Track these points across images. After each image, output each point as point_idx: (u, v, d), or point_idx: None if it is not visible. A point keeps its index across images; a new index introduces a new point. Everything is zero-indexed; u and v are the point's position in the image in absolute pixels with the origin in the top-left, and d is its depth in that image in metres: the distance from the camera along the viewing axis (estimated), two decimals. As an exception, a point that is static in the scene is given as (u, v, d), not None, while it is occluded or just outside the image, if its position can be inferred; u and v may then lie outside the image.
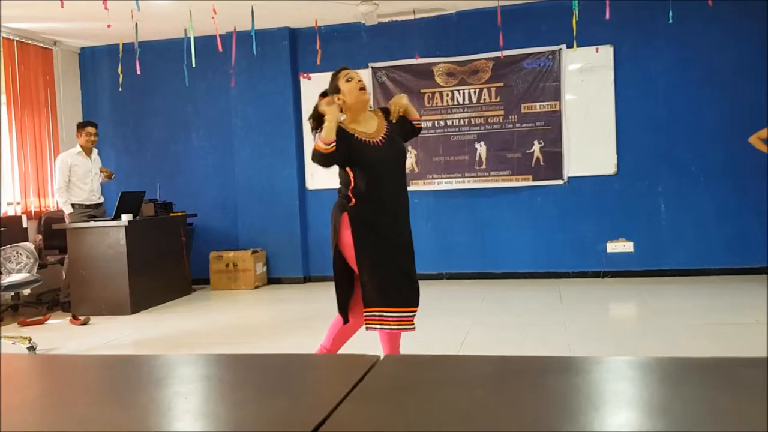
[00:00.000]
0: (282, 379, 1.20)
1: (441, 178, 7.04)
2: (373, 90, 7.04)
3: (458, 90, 6.96)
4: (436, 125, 7.00)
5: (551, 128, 6.76)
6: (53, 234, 6.41)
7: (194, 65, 6.48)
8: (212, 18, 6.11)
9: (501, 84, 6.86)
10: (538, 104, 6.78)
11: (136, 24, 6.19)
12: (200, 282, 7.29)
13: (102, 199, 6.51)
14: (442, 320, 5.06)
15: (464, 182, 7.00)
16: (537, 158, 6.81)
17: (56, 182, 6.25)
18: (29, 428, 1.00)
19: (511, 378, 1.16)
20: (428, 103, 6.99)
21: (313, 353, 3.38)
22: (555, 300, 5.80)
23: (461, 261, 7.05)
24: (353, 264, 3.21)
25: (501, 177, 6.90)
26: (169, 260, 6.67)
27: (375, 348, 3.35)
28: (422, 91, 7.00)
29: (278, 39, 7.25)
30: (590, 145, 6.71)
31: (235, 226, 7.48)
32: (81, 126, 6.37)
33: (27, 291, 5.13)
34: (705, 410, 0.98)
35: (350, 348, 3.46)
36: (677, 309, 5.28)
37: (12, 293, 5.03)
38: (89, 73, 7.82)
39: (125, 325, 5.58)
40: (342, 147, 3.08)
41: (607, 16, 5.80)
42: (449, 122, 6.98)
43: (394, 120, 3.29)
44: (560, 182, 6.78)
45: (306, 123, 7.21)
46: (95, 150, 6.45)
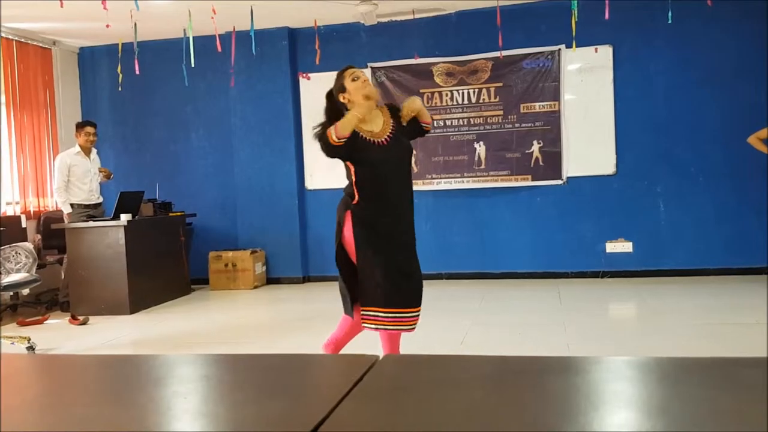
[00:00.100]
0: (281, 379, 1.20)
1: (440, 178, 7.04)
2: (373, 90, 7.03)
3: (457, 90, 6.96)
4: (436, 125, 6.99)
5: (550, 128, 6.76)
6: (52, 234, 6.41)
7: (193, 65, 6.47)
8: (211, 18, 6.11)
9: (500, 84, 6.86)
10: (538, 104, 6.79)
11: (135, 24, 6.19)
12: (199, 282, 7.28)
13: (101, 199, 6.51)
14: (442, 320, 5.06)
15: (463, 182, 7.00)
16: (536, 158, 6.81)
17: (55, 182, 6.24)
18: (29, 428, 1.00)
19: (511, 378, 1.16)
20: (427, 103, 6.99)
21: (315, 353, 3.37)
22: (554, 300, 5.80)
23: (460, 261, 7.05)
24: (356, 261, 3.22)
25: (500, 177, 6.90)
26: (168, 260, 6.67)
27: (375, 348, 3.36)
28: (421, 91, 7.00)
29: (277, 39, 7.25)
30: (589, 145, 6.71)
31: (235, 226, 7.48)
32: (80, 126, 6.37)
33: (26, 291, 5.12)
34: (704, 410, 0.98)
35: (350, 348, 3.46)
36: (677, 309, 5.28)
37: (11, 293, 5.03)
38: (88, 73, 7.82)
39: (124, 325, 5.58)
40: (347, 144, 3.09)
41: (607, 16, 5.80)
42: (448, 122, 6.98)
43: (405, 123, 3.28)
44: (559, 182, 6.78)
45: (306, 123, 7.30)
46: (94, 150, 6.44)
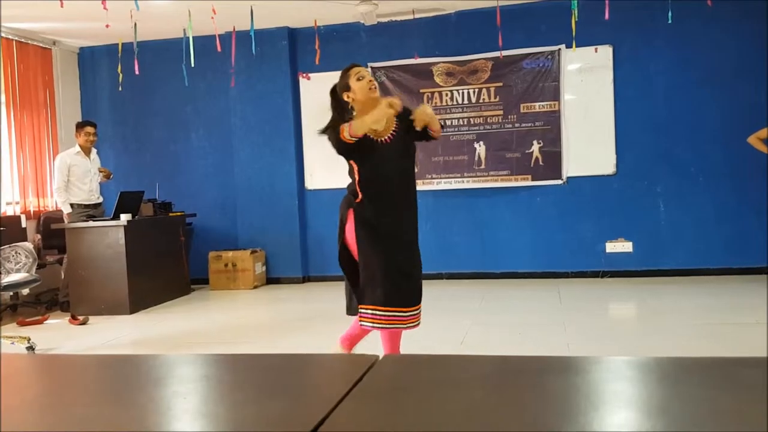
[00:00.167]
0: (281, 379, 1.20)
1: (440, 178, 7.03)
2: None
3: (457, 90, 6.96)
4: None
5: (550, 128, 6.76)
6: (52, 234, 6.40)
7: (193, 65, 6.47)
8: (211, 18, 6.11)
9: (500, 84, 6.86)
10: (537, 104, 6.78)
11: (135, 24, 6.19)
12: (199, 282, 7.28)
13: (101, 199, 6.51)
14: (442, 320, 5.05)
15: (463, 182, 7.00)
16: (536, 158, 6.81)
17: (55, 182, 6.24)
18: (29, 428, 1.00)
19: (511, 378, 1.16)
20: (427, 103, 6.98)
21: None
22: (554, 300, 5.80)
23: (460, 261, 7.05)
24: (357, 259, 3.23)
25: (500, 177, 6.90)
26: (168, 260, 6.67)
27: (375, 348, 3.36)
28: (421, 91, 7.00)
29: (277, 39, 7.24)
30: (589, 145, 6.71)
31: (234, 226, 7.48)
32: (80, 126, 6.37)
33: (26, 291, 5.12)
34: (704, 410, 0.98)
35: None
36: (677, 309, 5.28)
37: (11, 293, 5.02)
38: (88, 73, 7.81)
39: (124, 325, 5.57)
40: (356, 142, 3.09)
41: (606, 16, 5.80)
42: (448, 122, 6.98)
43: (419, 128, 3.23)
44: (559, 182, 6.78)
45: (306, 123, 7.30)
46: (94, 150, 6.44)
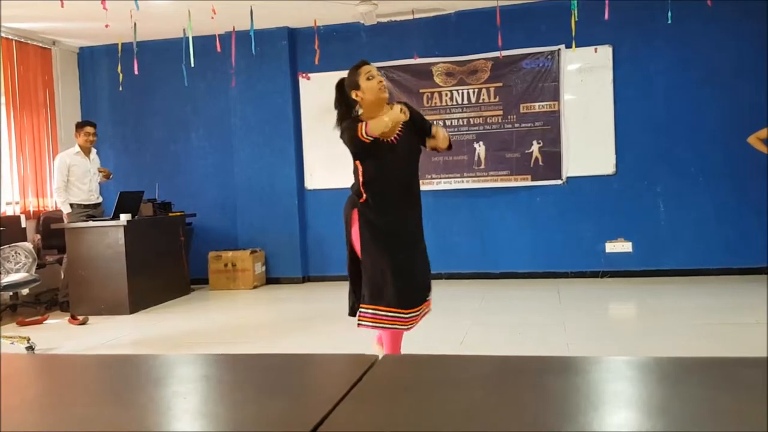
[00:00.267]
0: (281, 379, 1.20)
1: (440, 178, 7.03)
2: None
3: (457, 90, 6.96)
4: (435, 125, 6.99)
5: (550, 128, 6.76)
6: (52, 234, 6.40)
7: (193, 65, 6.47)
8: (211, 18, 6.11)
9: (500, 84, 6.86)
10: (537, 104, 6.78)
11: (135, 24, 6.19)
12: (199, 282, 7.28)
13: (101, 199, 6.51)
14: (442, 320, 5.04)
15: (463, 182, 7.00)
16: (536, 158, 6.80)
17: (55, 182, 6.24)
18: (29, 428, 1.00)
19: (511, 378, 1.16)
20: (427, 103, 6.99)
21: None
22: (554, 300, 5.80)
23: (460, 261, 7.04)
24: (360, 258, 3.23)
25: (500, 177, 6.90)
26: (168, 260, 6.67)
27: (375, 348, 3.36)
28: (421, 91, 7.00)
29: (277, 39, 7.24)
30: (589, 145, 6.71)
31: (234, 226, 7.48)
32: (80, 126, 6.37)
33: (25, 291, 5.12)
34: (704, 410, 0.98)
35: (350, 348, 3.45)
36: (677, 309, 5.28)
37: (10, 293, 5.02)
38: (88, 73, 7.81)
39: (124, 325, 5.57)
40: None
41: (606, 17, 5.80)
42: (448, 122, 6.98)
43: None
44: (559, 182, 6.78)
45: (306, 123, 7.31)
46: (94, 150, 6.44)
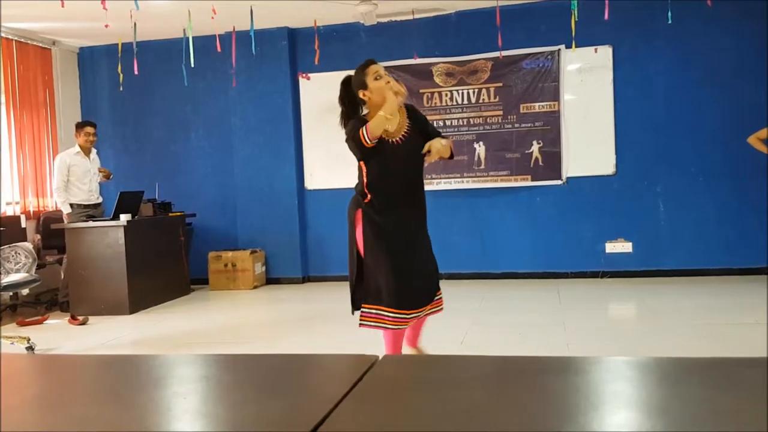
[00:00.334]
0: (281, 379, 1.20)
1: (440, 178, 7.03)
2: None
3: (457, 90, 6.96)
4: (435, 125, 6.98)
5: (550, 128, 6.76)
6: (52, 234, 6.40)
7: (193, 65, 6.47)
8: (211, 18, 6.11)
9: (500, 84, 6.86)
10: (537, 104, 6.78)
11: (135, 24, 6.19)
12: (199, 282, 7.28)
13: (101, 199, 6.51)
14: (442, 320, 5.03)
15: (463, 182, 7.00)
16: (536, 158, 6.80)
17: (55, 182, 6.24)
18: (29, 428, 1.00)
19: (511, 378, 1.16)
20: (427, 103, 6.99)
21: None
22: (554, 300, 5.80)
23: (460, 261, 7.04)
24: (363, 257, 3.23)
25: (500, 177, 6.90)
26: (168, 260, 6.67)
27: (375, 348, 3.36)
28: (421, 91, 6.99)
29: (277, 39, 7.24)
30: (589, 146, 6.71)
31: (234, 226, 7.48)
32: (80, 126, 6.37)
33: (25, 291, 5.12)
34: (704, 410, 0.98)
35: (349, 348, 3.45)
36: (677, 309, 5.28)
37: (11, 293, 5.02)
38: (88, 73, 7.81)
39: (124, 325, 5.57)
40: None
41: (606, 17, 5.80)
42: (448, 122, 6.98)
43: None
44: (559, 182, 6.78)
45: (306, 123, 7.31)
46: (94, 150, 6.44)
